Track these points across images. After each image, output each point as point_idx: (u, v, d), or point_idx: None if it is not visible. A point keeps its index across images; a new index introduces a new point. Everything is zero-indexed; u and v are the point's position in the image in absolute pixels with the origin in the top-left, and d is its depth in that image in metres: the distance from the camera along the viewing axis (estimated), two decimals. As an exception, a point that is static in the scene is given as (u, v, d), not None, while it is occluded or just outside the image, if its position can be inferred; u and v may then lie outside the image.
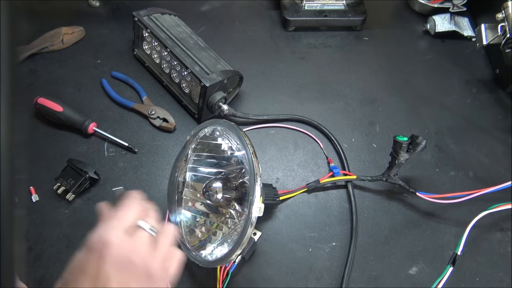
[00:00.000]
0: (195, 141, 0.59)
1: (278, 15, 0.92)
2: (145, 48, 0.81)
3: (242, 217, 0.53)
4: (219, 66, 0.72)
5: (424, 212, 0.67)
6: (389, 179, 0.65)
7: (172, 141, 0.73)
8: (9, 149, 0.18)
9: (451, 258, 0.59)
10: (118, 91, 0.77)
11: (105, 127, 0.72)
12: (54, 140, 0.71)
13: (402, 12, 0.95)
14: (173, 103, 0.78)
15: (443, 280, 0.57)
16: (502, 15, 0.73)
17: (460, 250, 0.59)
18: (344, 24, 0.90)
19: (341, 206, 0.67)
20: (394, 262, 0.62)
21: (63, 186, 0.64)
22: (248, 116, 0.74)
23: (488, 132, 0.76)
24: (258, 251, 0.62)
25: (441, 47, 0.89)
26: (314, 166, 0.71)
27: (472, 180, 0.71)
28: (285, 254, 0.62)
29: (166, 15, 0.80)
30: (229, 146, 0.56)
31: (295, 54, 0.86)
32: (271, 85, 0.81)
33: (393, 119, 0.78)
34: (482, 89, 0.83)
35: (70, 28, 0.84)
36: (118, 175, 0.69)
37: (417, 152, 0.61)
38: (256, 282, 0.60)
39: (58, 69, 0.80)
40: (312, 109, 0.78)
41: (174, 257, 0.42)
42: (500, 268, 0.62)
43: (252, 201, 0.48)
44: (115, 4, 0.91)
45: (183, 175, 0.60)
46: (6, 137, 0.18)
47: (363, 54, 0.87)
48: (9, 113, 0.18)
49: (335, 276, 0.61)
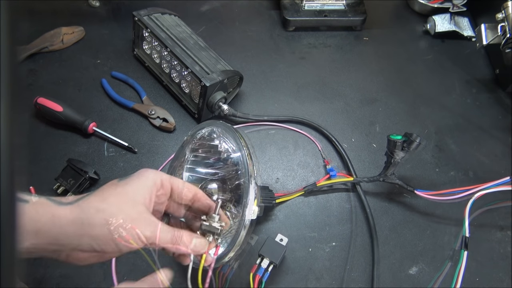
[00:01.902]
0: (192, 141, 0.59)
1: (278, 15, 0.92)
2: (145, 48, 0.81)
3: (237, 219, 0.53)
4: (219, 66, 0.72)
5: (424, 212, 0.67)
6: (386, 179, 0.65)
7: (172, 141, 0.73)
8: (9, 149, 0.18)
9: (462, 243, 0.58)
10: (118, 91, 0.77)
11: (105, 127, 0.72)
12: (54, 140, 0.71)
13: (402, 12, 0.95)
14: (173, 103, 0.78)
15: (463, 266, 0.57)
16: (502, 15, 0.73)
17: (467, 232, 0.58)
18: (344, 24, 0.90)
19: (341, 206, 0.67)
20: (394, 262, 0.62)
21: (63, 186, 0.64)
22: (248, 116, 0.74)
23: (488, 132, 0.77)
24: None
25: (441, 47, 0.89)
26: (314, 166, 0.71)
27: (472, 180, 0.70)
28: (286, 255, 0.62)
29: (166, 15, 0.80)
30: (226, 148, 0.56)
31: (295, 54, 0.86)
32: (271, 85, 0.81)
33: (393, 119, 0.78)
34: (482, 89, 0.83)
35: (70, 28, 0.84)
36: (118, 175, 0.69)
37: (413, 150, 0.61)
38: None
39: (58, 69, 0.80)
40: (312, 109, 0.78)
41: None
42: (500, 268, 0.62)
43: (246, 204, 0.48)
44: (115, 4, 0.91)
45: (180, 176, 0.60)
46: (6, 137, 0.18)
47: (363, 54, 0.87)
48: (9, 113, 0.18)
49: (335, 276, 0.61)
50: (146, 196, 0.41)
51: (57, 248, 0.37)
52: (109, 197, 0.39)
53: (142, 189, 0.41)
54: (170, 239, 0.42)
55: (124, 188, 0.41)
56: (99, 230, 0.37)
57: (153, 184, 0.43)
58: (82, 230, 0.37)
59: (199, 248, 0.44)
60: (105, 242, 0.38)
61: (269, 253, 0.57)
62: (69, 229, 0.37)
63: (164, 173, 0.45)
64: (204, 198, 0.48)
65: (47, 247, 0.36)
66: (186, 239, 0.43)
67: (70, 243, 0.37)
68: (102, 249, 0.38)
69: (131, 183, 0.41)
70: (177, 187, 0.45)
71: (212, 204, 0.48)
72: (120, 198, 0.39)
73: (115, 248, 0.38)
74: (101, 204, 0.39)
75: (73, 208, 0.38)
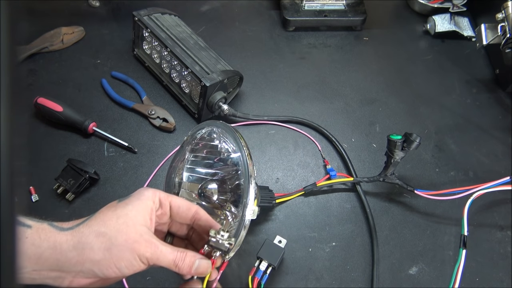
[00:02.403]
0: (192, 141, 0.59)
1: (278, 15, 0.92)
2: (145, 48, 0.81)
3: (237, 219, 0.53)
4: (219, 66, 0.72)
5: (424, 212, 0.67)
6: (386, 179, 0.65)
7: (172, 141, 0.73)
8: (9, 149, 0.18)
9: (461, 241, 0.58)
10: (118, 91, 0.77)
11: (105, 127, 0.72)
12: (54, 140, 0.71)
13: (402, 12, 0.95)
14: (173, 103, 0.78)
15: (461, 265, 0.56)
16: (502, 15, 0.73)
17: (465, 230, 0.58)
18: (344, 24, 0.90)
19: (341, 206, 0.67)
20: (394, 262, 0.62)
21: (63, 186, 0.64)
22: (248, 116, 0.74)
23: (488, 132, 0.77)
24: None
25: (441, 47, 0.89)
26: (314, 166, 0.71)
27: (472, 180, 0.70)
28: (285, 255, 0.62)
29: (166, 15, 0.80)
30: (225, 148, 0.56)
31: (295, 54, 0.86)
32: (271, 85, 0.81)
33: (393, 119, 0.78)
34: (482, 89, 0.83)
35: (70, 28, 0.84)
36: (118, 175, 0.69)
37: (412, 150, 0.61)
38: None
39: (58, 69, 0.80)
40: (312, 109, 0.78)
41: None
42: (500, 268, 0.62)
43: (246, 204, 0.48)
44: (115, 4, 0.91)
45: (180, 176, 0.60)
46: (6, 137, 0.18)
47: (363, 54, 0.87)
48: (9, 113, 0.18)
49: (335, 276, 0.61)
50: (146, 217, 0.41)
51: (59, 275, 0.37)
52: (109, 220, 0.39)
53: (142, 210, 0.41)
54: (173, 260, 0.41)
55: (123, 210, 0.40)
56: (101, 254, 0.37)
57: (152, 203, 0.42)
58: (83, 255, 0.37)
59: (202, 270, 0.43)
60: (107, 267, 0.38)
61: (267, 256, 0.57)
62: (71, 255, 0.37)
63: (162, 192, 0.44)
64: (205, 216, 0.47)
65: (49, 274, 0.37)
66: (189, 260, 0.42)
67: (71, 269, 0.37)
68: (104, 273, 0.38)
69: (131, 204, 0.41)
70: (176, 206, 0.45)
71: (213, 222, 0.47)
72: (120, 221, 0.39)
73: (118, 273, 0.38)
74: (101, 228, 0.38)
75: (74, 233, 0.38)
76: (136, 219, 0.40)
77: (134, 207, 0.41)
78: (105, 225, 0.39)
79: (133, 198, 0.42)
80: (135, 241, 0.39)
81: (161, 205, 0.43)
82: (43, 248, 0.36)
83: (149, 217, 0.41)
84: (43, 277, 0.36)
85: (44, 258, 0.36)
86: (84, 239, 0.37)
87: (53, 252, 0.36)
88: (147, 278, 0.59)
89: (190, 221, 0.46)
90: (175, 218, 0.46)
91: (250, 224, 0.49)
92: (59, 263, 0.36)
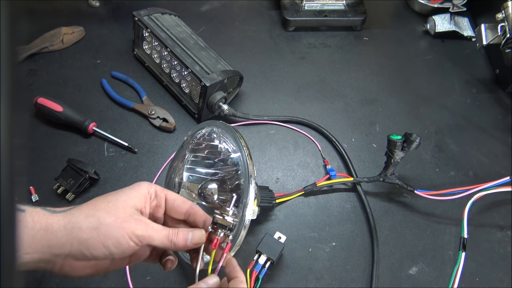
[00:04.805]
0: (192, 141, 0.59)
1: (278, 15, 0.92)
2: (145, 48, 0.81)
3: (237, 219, 0.53)
4: (219, 66, 0.72)
5: (424, 212, 0.67)
6: (386, 179, 0.65)
7: (172, 141, 0.73)
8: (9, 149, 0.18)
9: (460, 244, 0.58)
10: (118, 91, 0.77)
11: (105, 127, 0.72)
12: (54, 140, 0.71)
13: (402, 12, 0.95)
14: (173, 103, 0.78)
15: (460, 267, 0.57)
16: (502, 15, 0.73)
17: (465, 233, 0.58)
18: (344, 24, 0.90)
19: (341, 206, 0.67)
20: (394, 262, 0.62)
21: (63, 186, 0.64)
22: (248, 116, 0.74)
23: (488, 132, 0.77)
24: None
25: (441, 47, 0.89)
26: (314, 166, 0.71)
27: (472, 180, 0.70)
28: (285, 254, 0.62)
29: (166, 15, 0.80)
30: (225, 148, 0.56)
31: (295, 54, 0.86)
32: (271, 85, 0.81)
33: (393, 119, 0.78)
34: (482, 89, 0.83)
35: (70, 28, 0.84)
36: (118, 175, 0.69)
37: (412, 150, 0.61)
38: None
39: (58, 69, 0.80)
40: (312, 109, 0.78)
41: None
42: (500, 268, 0.62)
43: (246, 204, 0.48)
44: (115, 4, 0.91)
45: (180, 176, 0.60)
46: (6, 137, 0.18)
47: (363, 54, 0.87)
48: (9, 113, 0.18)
49: (335, 276, 0.61)
50: (137, 202, 0.41)
51: (50, 258, 0.37)
52: (100, 204, 0.40)
53: (134, 197, 0.41)
54: (166, 236, 0.41)
55: (114, 196, 0.41)
56: (89, 233, 0.38)
57: (147, 192, 0.43)
58: (72, 234, 0.37)
59: (197, 239, 0.43)
60: (94, 246, 0.38)
61: (267, 250, 0.57)
62: (60, 234, 0.37)
63: (158, 185, 0.44)
64: (199, 211, 0.47)
65: (41, 257, 0.37)
66: (182, 233, 0.42)
67: (61, 250, 0.37)
68: (92, 254, 0.38)
69: (123, 191, 0.42)
70: (171, 199, 0.45)
71: (208, 217, 0.47)
72: (110, 204, 0.40)
73: (106, 252, 0.38)
74: (91, 210, 0.39)
75: (65, 214, 0.39)
76: (126, 202, 0.40)
77: (126, 193, 0.41)
78: (95, 208, 0.39)
79: (127, 188, 0.43)
80: (124, 220, 0.39)
81: (156, 196, 0.44)
82: (35, 230, 0.36)
83: (140, 203, 0.42)
84: (35, 260, 0.37)
85: (36, 239, 0.36)
86: (74, 219, 0.38)
87: (45, 233, 0.37)
88: (147, 278, 0.59)
89: (184, 216, 0.46)
90: (170, 213, 0.46)
91: (250, 224, 0.49)
92: (50, 243, 0.37)
